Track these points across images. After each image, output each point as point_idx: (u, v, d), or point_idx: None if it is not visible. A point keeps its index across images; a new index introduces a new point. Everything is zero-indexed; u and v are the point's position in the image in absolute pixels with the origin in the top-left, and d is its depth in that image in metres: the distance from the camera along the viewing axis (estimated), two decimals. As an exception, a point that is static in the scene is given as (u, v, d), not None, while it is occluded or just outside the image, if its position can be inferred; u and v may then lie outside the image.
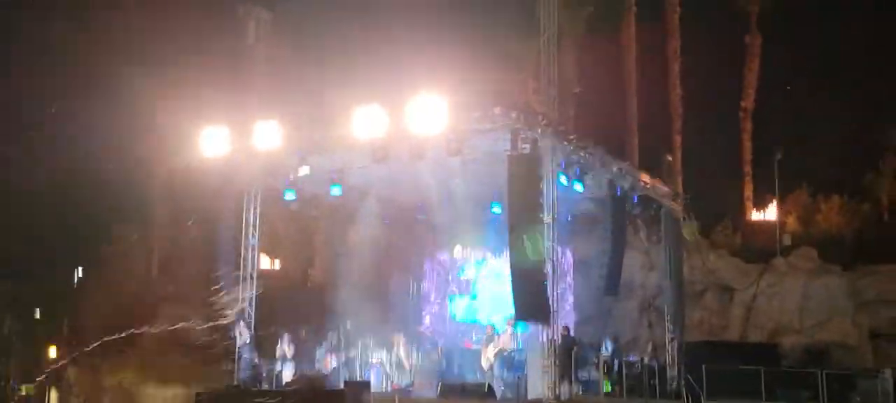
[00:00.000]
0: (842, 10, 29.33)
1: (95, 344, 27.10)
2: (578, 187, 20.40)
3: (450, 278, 25.88)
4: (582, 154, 20.16)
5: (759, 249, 29.35)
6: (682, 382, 23.02)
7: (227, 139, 20.52)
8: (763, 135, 31.25)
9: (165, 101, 22.40)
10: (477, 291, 25.28)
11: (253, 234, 23.09)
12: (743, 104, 32.74)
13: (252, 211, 22.97)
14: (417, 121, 18.17)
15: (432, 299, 26.12)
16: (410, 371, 22.33)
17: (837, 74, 28.57)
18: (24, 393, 25.57)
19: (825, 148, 27.80)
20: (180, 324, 26.45)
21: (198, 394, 21.11)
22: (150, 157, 23.89)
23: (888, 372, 22.94)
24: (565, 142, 19.78)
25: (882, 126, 28.91)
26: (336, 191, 21.54)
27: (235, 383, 21.73)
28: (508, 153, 18.56)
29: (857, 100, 28.40)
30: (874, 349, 26.63)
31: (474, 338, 23.76)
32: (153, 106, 22.52)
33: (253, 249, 23.18)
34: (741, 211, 32.31)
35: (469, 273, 25.68)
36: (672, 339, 23.79)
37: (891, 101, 27.76)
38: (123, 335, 26.26)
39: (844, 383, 23.26)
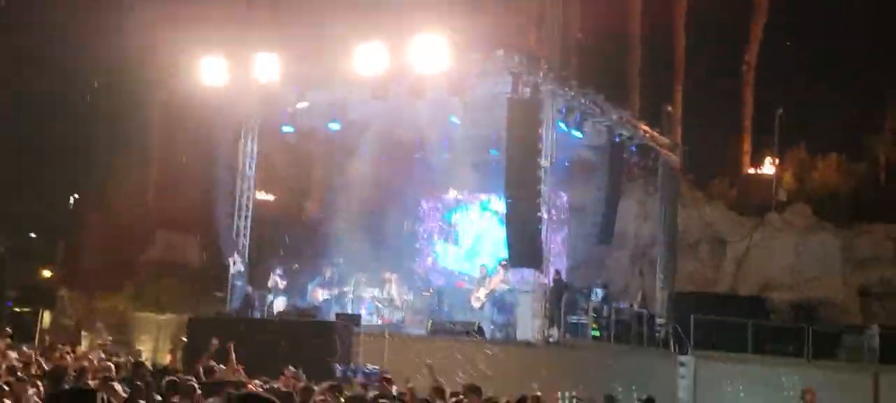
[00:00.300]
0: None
1: (91, 268, 27.27)
2: (577, 134, 20.41)
3: (443, 220, 25.93)
4: (582, 101, 20.13)
5: (755, 204, 29.42)
6: (670, 331, 23.26)
7: (225, 69, 20.42)
8: (765, 91, 31.14)
9: (165, 28, 22.23)
10: (459, 236, 25.28)
11: (249, 166, 23.12)
12: (746, 58, 32.56)
13: (249, 143, 22.98)
14: (419, 59, 18.10)
15: (429, 239, 26.22)
16: (402, 308, 22.47)
17: (842, 33, 28.39)
18: (17, 311, 25.74)
19: (826, 106, 27.71)
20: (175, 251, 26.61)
21: (190, 320, 21.31)
22: (149, 83, 23.77)
23: (875, 329, 23.18)
24: (566, 89, 19.75)
25: (883, 86, 28.82)
26: (334, 126, 21.52)
27: (227, 311, 21.92)
28: (509, 96, 18.53)
29: (860, 60, 28.28)
30: (862, 306, 26.84)
31: (466, 279, 23.87)
32: (152, 32, 22.36)
33: (249, 181, 23.22)
34: (739, 165, 32.32)
35: (464, 215, 25.75)
36: (662, 289, 23.99)
37: (893, 63, 27.63)
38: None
39: (831, 339, 23.52)
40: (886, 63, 27.75)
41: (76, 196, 30.10)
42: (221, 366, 14.28)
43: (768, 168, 31.49)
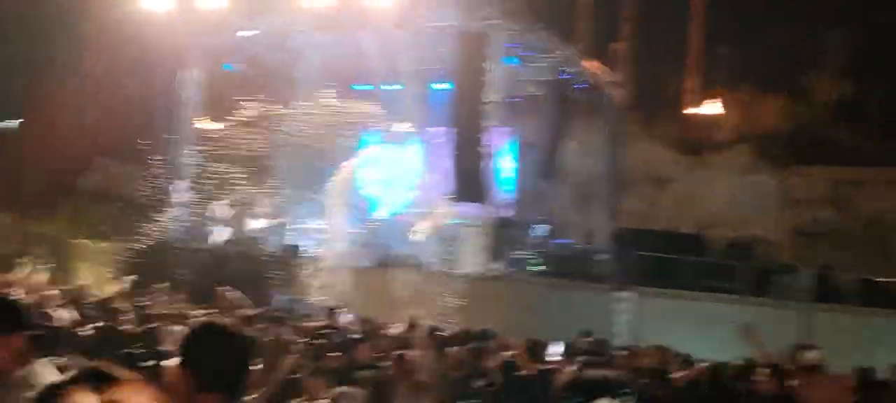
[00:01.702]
0: None
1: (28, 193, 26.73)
2: (522, 69, 20.41)
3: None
4: (530, 36, 20.09)
5: (696, 143, 29.77)
6: (611, 267, 23.57)
7: (168, -6, 20.01)
8: (710, 30, 31.30)
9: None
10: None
11: (192, 94, 22.78)
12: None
13: (192, 71, 22.60)
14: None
15: (375, 170, 26.10)
16: (345, 240, 22.46)
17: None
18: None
19: (769, 47, 27.98)
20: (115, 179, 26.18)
21: (129, 249, 21.13)
22: (90, 7, 23.14)
23: (808, 270, 23.71)
24: (514, 23, 19.67)
25: (826, 28, 29.16)
26: (280, 54, 21.25)
27: (168, 240, 21.75)
28: (456, 29, 18.44)
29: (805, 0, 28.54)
30: (796, 246, 27.42)
31: (409, 212, 23.87)
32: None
33: (191, 108, 22.89)
34: (683, 104, 32.59)
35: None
36: (604, 225, 24.27)
37: (835, 3, 27.92)
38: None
39: (766, 277, 24.00)
40: (830, 3, 28.05)
41: (15, 121, 29.35)
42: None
43: (711, 107, 31.81)
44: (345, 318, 15.21)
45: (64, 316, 11.49)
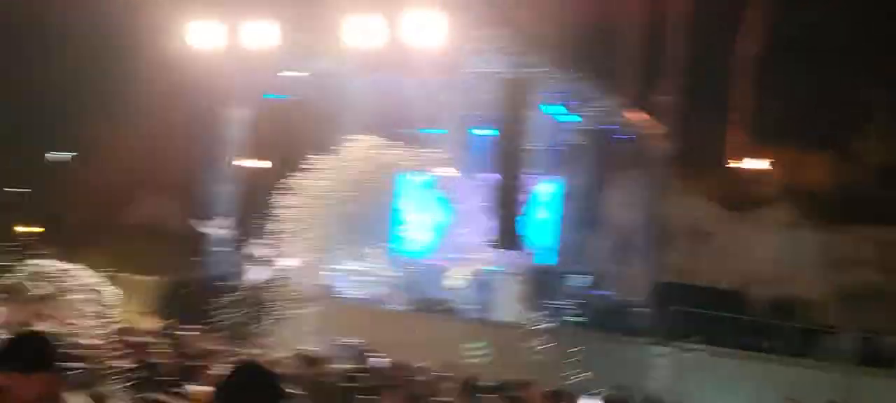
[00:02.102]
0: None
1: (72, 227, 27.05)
2: (567, 117, 20.37)
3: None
4: (575, 85, 20.09)
5: (740, 198, 29.44)
6: (650, 320, 23.28)
7: (216, 34, 20.27)
8: (757, 85, 31.07)
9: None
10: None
11: (236, 132, 23.00)
12: (741, 50, 32.48)
13: (237, 109, 22.85)
14: (412, 34, 18.01)
15: (416, 214, 26.14)
16: (381, 283, 22.43)
17: (837, 32, 28.34)
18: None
19: (817, 104, 27.70)
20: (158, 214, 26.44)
21: (170, 283, 21.30)
22: (138, 44, 23.54)
23: (853, 331, 23.25)
24: (559, 72, 19.68)
25: (873, 87, 28.83)
26: (325, 95, 21.42)
27: (204, 277, 21.86)
28: (501, 76, 18.47)
29: (854, 59, 28.26)
30: (840, 308, 26.92)
31: (448, 257, 23.81)
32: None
33: (235, 147, 23.11)
34: (727, 159, 32.30)
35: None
36: (644, 277, 24.01)
37: (883, 64, 27.62)
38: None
39: (808, 338, 23.56)
40: (877, 64, 27.76)
41: (56, 154, 29.82)
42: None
43: (756, 163, 31.49)
44: (377, 362, 15.11)
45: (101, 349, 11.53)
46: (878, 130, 30.00)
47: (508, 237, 18.80)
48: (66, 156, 29.67)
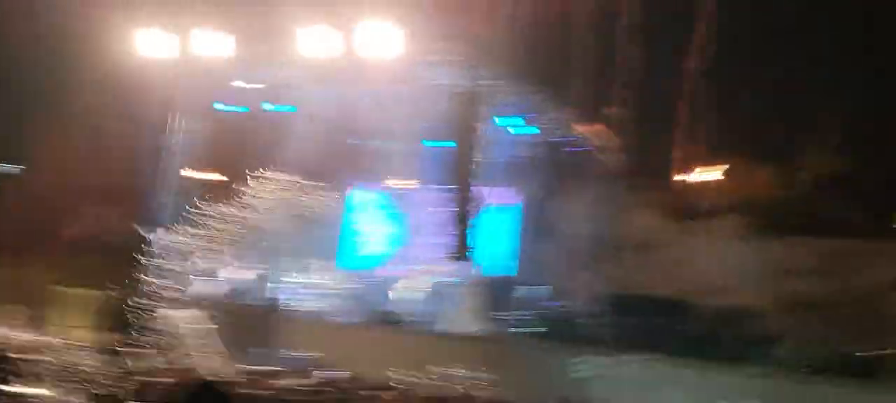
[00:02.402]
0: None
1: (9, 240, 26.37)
2: (518, 130, 20.41)
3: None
4: (528, 96, 20.13)
5: (686, 209, 29.73)
6: (596, 330, 23.38)
7: (163, 42, 19.94)
8: (703, 97, 31.47)
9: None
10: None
11: (180, 141, 22.68)
12: (686, 64, 32.87)
13: (182, 119, 22.52)
14: (365, 45, 17.90)
15: (368, 226, 25.99)
16: (334, 295, 22.26)
17: (783, 44, 28.82)
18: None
19: (763, 116, 28.11)
20: (99, 225, 25.89)
21: (109, 296, 20.90)
22: (80, 53, 23.06)
23: (797, 341, 23.59)
24: (510, 84, 19.70)
25: (821, 100, 29.34)
26: (271, 107, 21.21)
27: (150, 287, 21.50)
28: (455, 88, 18.43)
29: (800, 71, 28.74)
30: (784, 317, 27.31)
31: (401, 269, 23.70)
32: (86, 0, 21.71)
33: (178, 156, 22.79)
34: (674, 171, 32.62)
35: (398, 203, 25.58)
36: (593, 290, 24.11)
37: (831, 76, 28.14)
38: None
39: (752, 346, 23.86)
40: (825, 76, 28.26)
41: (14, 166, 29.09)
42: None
43: (702, 175, 31.88)
44: (329, 375, 14.95)
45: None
46: (823, 142, 30.58)
47: (462, 248, 18.75)
48: (15, 168, 28.98)
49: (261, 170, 22.58)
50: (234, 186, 25.59)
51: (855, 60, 27.66)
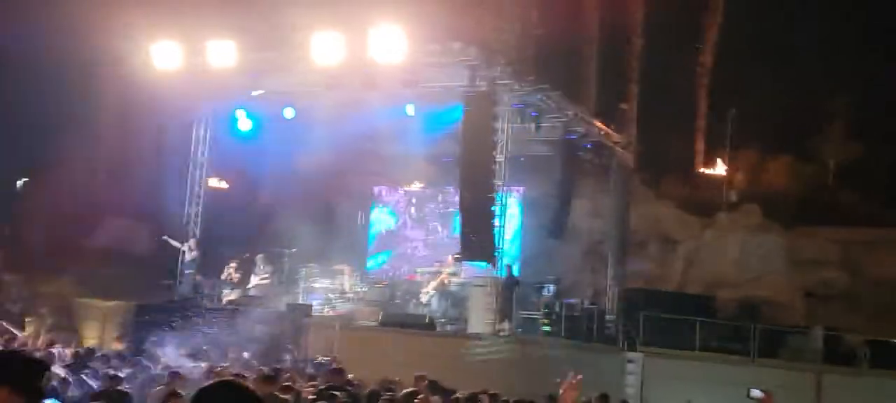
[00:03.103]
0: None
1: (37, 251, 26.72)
2: (532, 129, 20.50)
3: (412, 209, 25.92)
4: (538, 97, 20.19)
5: (705, 203, 29.77)
6: (620, 328, 23.46)
7: (179, 54, 20.18)
8: (718, 92, 31.52)
9: (117, 10, 21.87)
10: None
11: (202, 152, 22.93)
12: (701, 58, 32.89)
13: (202, 129, 22.78)
14: (375, 50, 18.04)
15: (385, 230, 26.22)
16: (353, 299, 22.43)
17: (796, 37, 28.84)
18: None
19: (777, 108, 28.14)
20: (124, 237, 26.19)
21: (138, 306, 21.13)
22: (100, 66, 23.38)
23: (818, 330, 23.58)
24: (522, 84, 19.79)
25: (833, 91, 29.33)
26: (288, 113, 21.41)
27: (176, 299, 21.73)
28: (464, 90, 18.54)
29: (813, 63, 28.74)
30: (806, 307, 27.29)
31: (418, 271, 23.89)
32: (104, 14, 21.99)
33: (201, 167, 23.03)
34: (691, 165, 32.65)
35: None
36: (612, 285, 24.20)
37: (843, 67, 28.13)
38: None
39: (776, 338, 23.88)
40: (837, 67, 28.24)
41: (23, 179, 29.45)
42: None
43: (720, 168, 31.89)
44: (348, 378, 15.10)
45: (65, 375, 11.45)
46: (837, 132, 30.54)
47: (477, 249, 18.85)
48: (19, 182, 29.34)
49: (281, 177, 22.85)
50: (256, 195, 25.92)
51: (869, 50, 27.66)
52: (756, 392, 8.42)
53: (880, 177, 28.87)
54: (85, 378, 11.54)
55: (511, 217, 23.51)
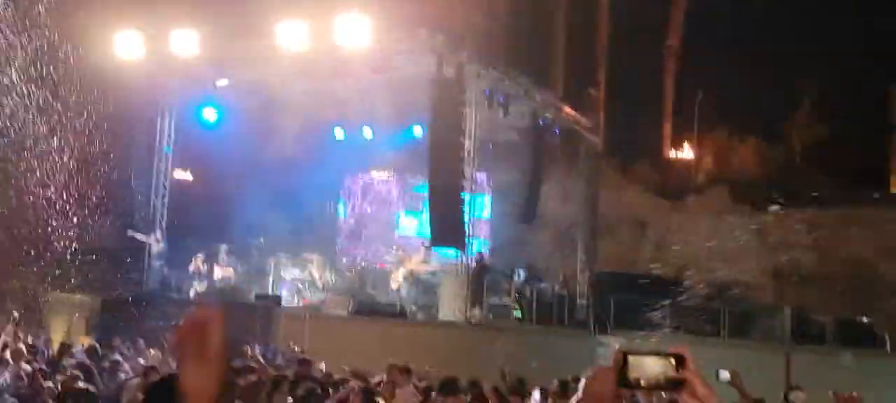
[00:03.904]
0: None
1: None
2: (501, 115, 20.44)
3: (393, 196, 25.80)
4: (506, 81, 20.14)
5: (674, 186, 29.92)
6: (591, 311, 23.51)
7: (141, 44, 19.91)
8: (685, 76, 31.65)
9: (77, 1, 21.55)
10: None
11: (167, 143, 22.69)
12: (668, 43, 32.98)
13: (167, 120, 22.53)
14: (341, 37, 17.88)
15: (353, 218, 26.07)
16: (323, 289, 22.32)
17: (761, 19, 29.00)
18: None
19: (745, 91, 28.27)
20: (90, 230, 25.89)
21: (104, 301, 20.88)
22: (61, 57, 23.04)
23: (787, 310, 23.76)
24: (490, 69, 19.72)
25: (799, 72, 29.54)
26: (255, 102, 21.23)
27: (143, 292, 21.52)
28: (432, 76, 18.44)
29: (778, 45, 28.89)
30: (775, 288, 27.49)
31: (387, 259, 23.81)
32: (64, 4, 21.66)
33: (167, 159, 22.79)
34: (659, 149, 32.77)
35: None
36: (583, 270, 24.24)
37: (808, 48, 28.31)
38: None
39: (745, 318, 24.03)
40: (802, 49, 28.41)
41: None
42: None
43: (688, 152, 32.05)
44: (319, 368, 15.00)
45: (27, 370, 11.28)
46: (804, 115, 30.81)
47: (447, 235, 18.79)
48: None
49: (248, 167, 22.66)
50: (223, 185, 25.69)
51: (835, 33, 27.85)
52: (724, 374, 8.44)
53: (846, 158, 29.18)
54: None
55: (481, 203, 23.52)
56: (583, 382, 2.79)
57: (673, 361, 2.75)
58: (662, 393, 2.84)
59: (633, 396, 8.26)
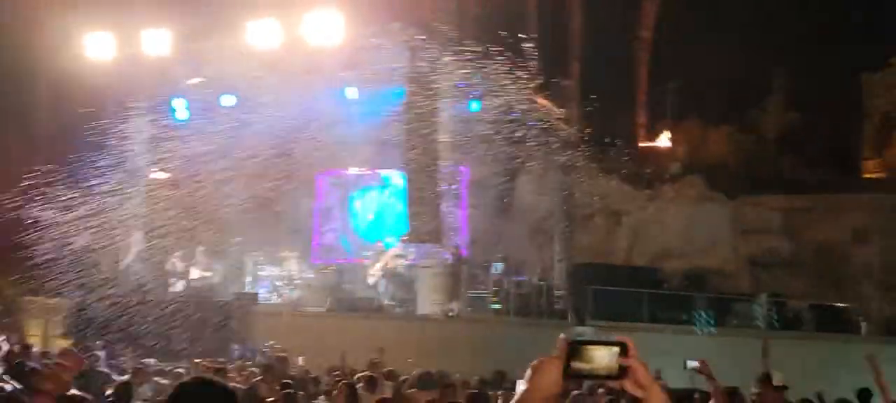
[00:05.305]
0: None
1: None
2: (475, 107, 20.48)
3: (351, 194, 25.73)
4: (480, 74, 20.18)
5: (649, 175, 29.99)
6: (569, 302, 23.60)
7: (113, 45, 19.81)
8: (658, 64, 31.72)
9: (47, 2, 21.39)
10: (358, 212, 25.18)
11: (140, 142, 22.56)
12: (640, 32, 33.06)
13: (139, 120, 22.41)
14: (313, 34, 17.87)
15: (330, 215, 25.98)
16: (301, 286, 22.28)
17: (734, 7, 29.09)
18: None
19: (717, 79, 28.38)
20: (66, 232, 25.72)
21: (81, 302, 20.78)
22: (32, 60, 22.85)
23: (763, 297, 23.95)
24: (463, 60, 19.75)
25: (772, 60, 29.69)
26: (227, 101, 21.13)
27: (120, 294, 21.43)
28: (405, 70, 18.46)
29: (751, 33, 29.02)
30: (751, 275, 27.68)
31: (365, 255, 23.77)
32: (34, 5, 21.49)
33: (140, 158, 22.67)
34: (634, 138, 32.84)
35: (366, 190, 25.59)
36: (560, 261, 24.33)
37: (780, 36, 28.45)
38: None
39: (722, 306, 24.20)
40: (775, 36, 28.56)
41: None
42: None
43: (662, 141, 32.15)
44: (299, 364, 15.02)
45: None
46: (777, 103, 31.01)
47: (423, 230, 18.83)
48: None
49: (222, 165, 22.55)
50: (197, 184, 25.57)
51: (806, 22, 28.03)
52: (692, 363, 8.52)
53: (819, 145, 29.43)
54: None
55: (457, 196, 23.55)
56: (528, 373, 2.80)
57: (617, 349, 2.80)
58: (606, 382, 2.88)
59: (578, 383, 8.36)
